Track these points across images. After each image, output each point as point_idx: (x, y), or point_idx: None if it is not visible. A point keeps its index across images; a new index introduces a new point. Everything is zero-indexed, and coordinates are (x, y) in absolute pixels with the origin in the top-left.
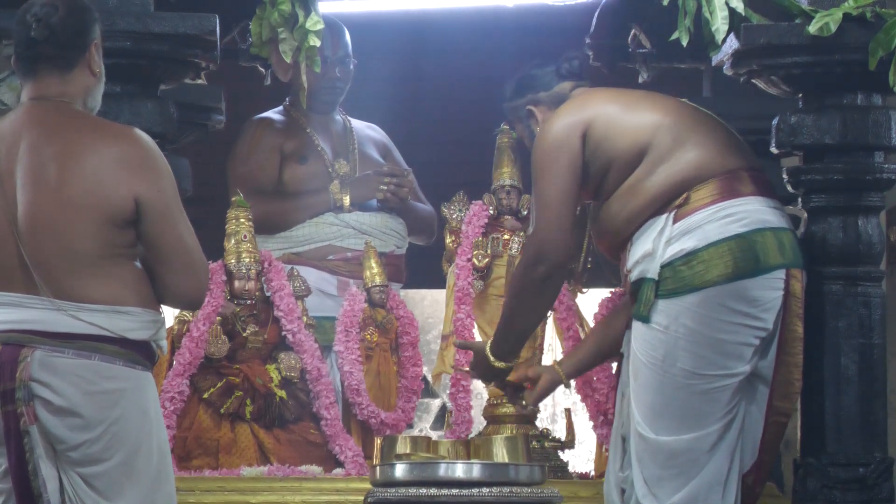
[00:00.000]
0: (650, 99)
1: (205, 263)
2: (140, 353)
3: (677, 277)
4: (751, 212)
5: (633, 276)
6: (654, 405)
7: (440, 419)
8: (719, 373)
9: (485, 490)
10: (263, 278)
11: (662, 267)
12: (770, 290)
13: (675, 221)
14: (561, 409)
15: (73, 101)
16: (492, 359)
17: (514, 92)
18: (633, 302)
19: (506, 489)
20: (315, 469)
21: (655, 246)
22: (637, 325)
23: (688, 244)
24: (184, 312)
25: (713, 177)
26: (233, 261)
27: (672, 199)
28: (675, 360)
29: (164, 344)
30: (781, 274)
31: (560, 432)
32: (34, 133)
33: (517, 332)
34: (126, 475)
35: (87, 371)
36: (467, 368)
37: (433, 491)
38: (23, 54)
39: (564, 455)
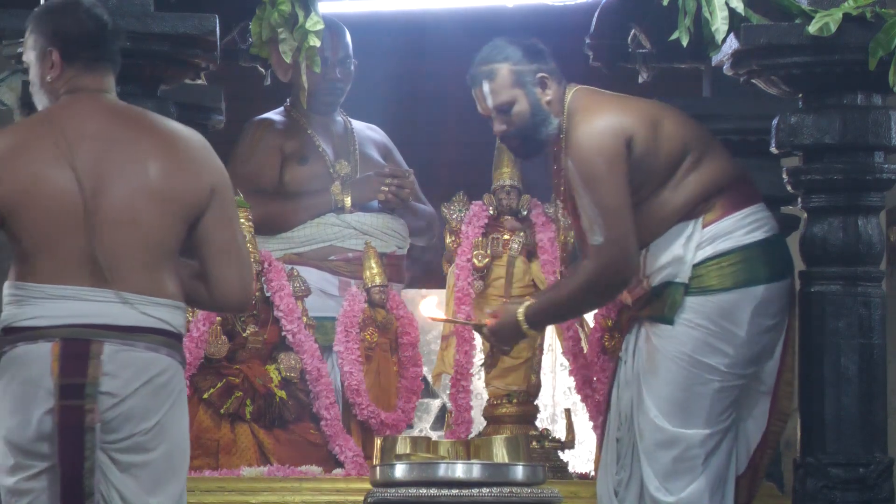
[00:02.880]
0: (666, 110)
1: (252, 266)
2: (183, 348)
3: (711, 276)
4: (768, 217)
5: (656, 280)
6: (677, 399)
7: (440, 419)
8: (737, 371)
9: (485, 490)
10: (263, 278)
11: (695, 266)
12: (787, 294)
13: (703, 227)
14: (561, 409)
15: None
16: (525, 326)
17: (521, 57)
18: (642, 307)
19: (506, 489)
20: (315, 469)
21: (686, 251)
22: (659, 326)
23: (721, 246)
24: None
25: (732, 183)
26: None
27: (698, 206)
28: (702, 356)
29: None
30: (791, 280)
31: (560, 432)
32: (109, 125)
33: (563, 316)
34: (166, 469)
35: (153, 365)
36: (485, 325)
37: (433, 491)
38: (94, 45)
39: (564, 455)
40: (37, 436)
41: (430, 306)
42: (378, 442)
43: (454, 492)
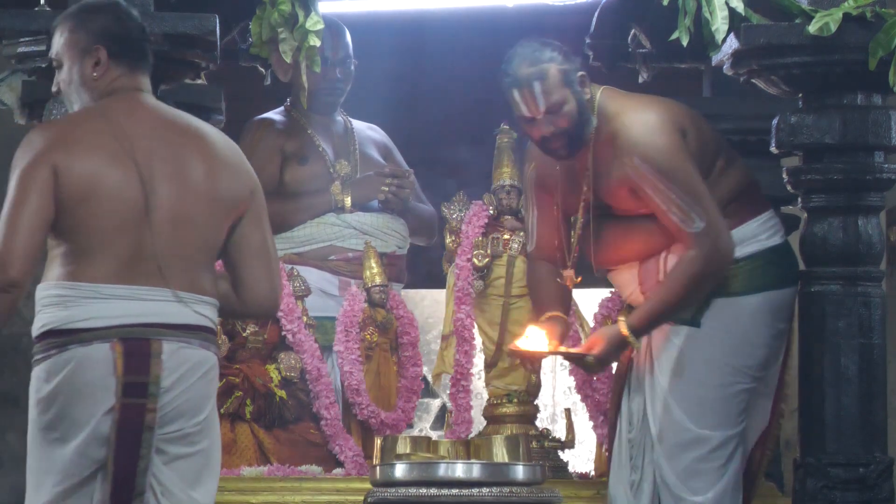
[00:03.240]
0: (695, 112)
1: (280, 271)
2: None
3: (737, 279)
4: (780, 222)
5: None
6: (705, 401)
7: (440, 419)
8: (756, 374)
9: (485, 490)
10: None
11: None
12: (795, 298)
13: (729, 230)
14: (561, 409)
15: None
16: (633, 340)
17: (565, 57)
18: None
19: (506, 489)
20: (315, 469)
21: None
22: (684, 328)
23: (746, 250)
24: None
25: (750, 187)
26: None
27: (726, 209)
28: (729, 359)
29: None
30: (798, 282)
31: (560, 432)
32: (158, 126)
33: (668, 316)
34: (205, 464)
35: (205, 361)
36: (590, 356)
37: (433, 491)
38: (138, 46)
39: (564, 455)
40: (92, 438)
41: (534, 340)
42: (378, 442)
43: (454, 492)
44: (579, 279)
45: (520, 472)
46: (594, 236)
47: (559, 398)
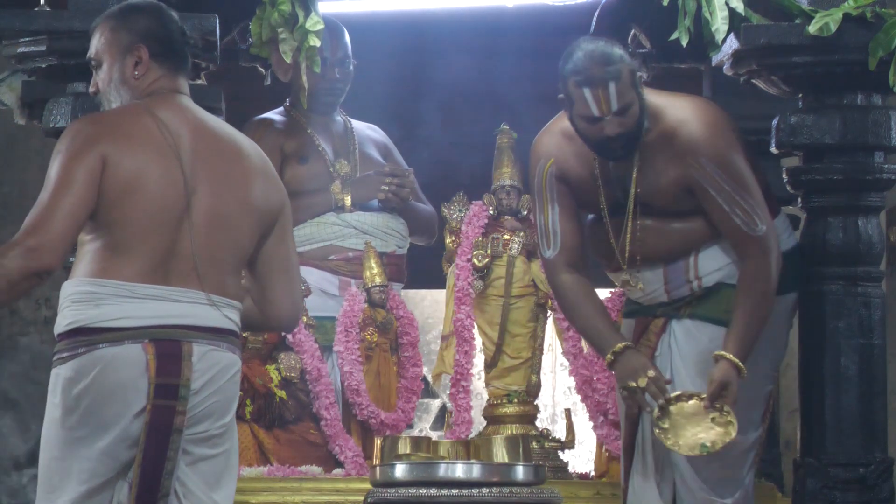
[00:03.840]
0: None
1: (301, 285)
2: None
3: None
4: (789, 223)
5: (710, 281)
6: (740, 404)
7: (440, 419)
8: (775, 374)
9: (485, 490)
10: None
11: None
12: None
13: None
14: (561, 409)
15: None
16: (745, 371)
17: (630, 60)
18: (681, 306)
19: (506, 489)
20: (315, 469)
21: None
22: (715, 329)
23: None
24: None
25: (766, 189)
26: None
27: None
28: (759, 359)
29: None
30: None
31: (560, 432)
32: (199, 126)
33: (762, 328)
34: (226, 466)
35: (232, 365)
36: (728, 401)
37: (433, 491)
38: (179, 49)
39: (564, 455)
40: (121, 439)
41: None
42: (378, 442)
43: (454, 492)
44: (639, 285)
45: (520, 472)
46: (634, 236)
47: (559, 398)
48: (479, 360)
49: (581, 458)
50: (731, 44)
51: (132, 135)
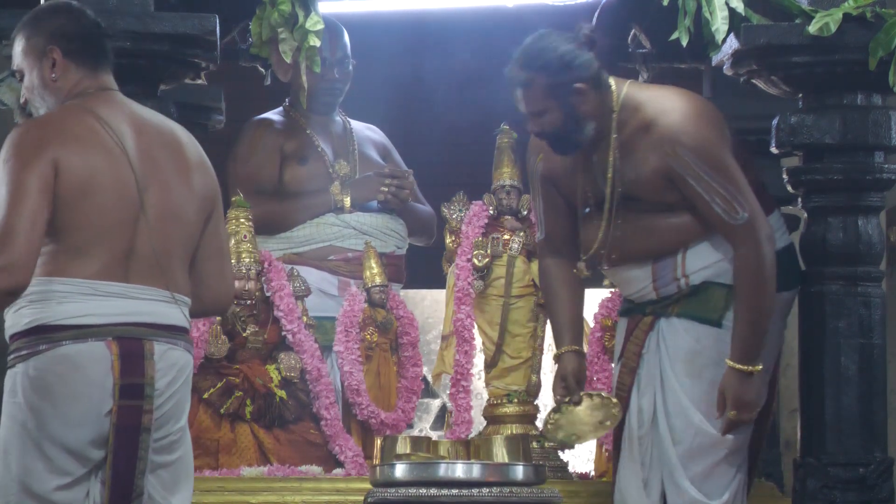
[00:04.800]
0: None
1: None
2: None
3: None
4: (783, 221)
5: (697, 279)
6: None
7: (440, 419)
8: (768, 376)
9: (485, 490)
10: (263, 278)
11: None
12: (796, 295)
13: None
14: None
15: None
16: (750, 367)
17: (557, 70)
18: (669, 304)
19: (506, 489)
20: (315, 469)
21: (728, 251)
22: (702, 328)
23: None
24: None
25: (760, 188)
26: (233, 261)
27: None
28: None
29: None
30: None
31: None
32: (138, 121)
33: (766, 322)
34: (184, 470)
35: (188, 364)
36: (731, 412)
37: (433, 491)
38: (95, 43)
39: (564, 455)
40: (92, 438)
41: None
42: (378, 442)
43: (454, 492)
44: (589, 273)
45: (520, 472)
46: (613, 231)
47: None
48: (479, 360)
49: (581, 458)
50: (731, 44)
51: (80, 136)
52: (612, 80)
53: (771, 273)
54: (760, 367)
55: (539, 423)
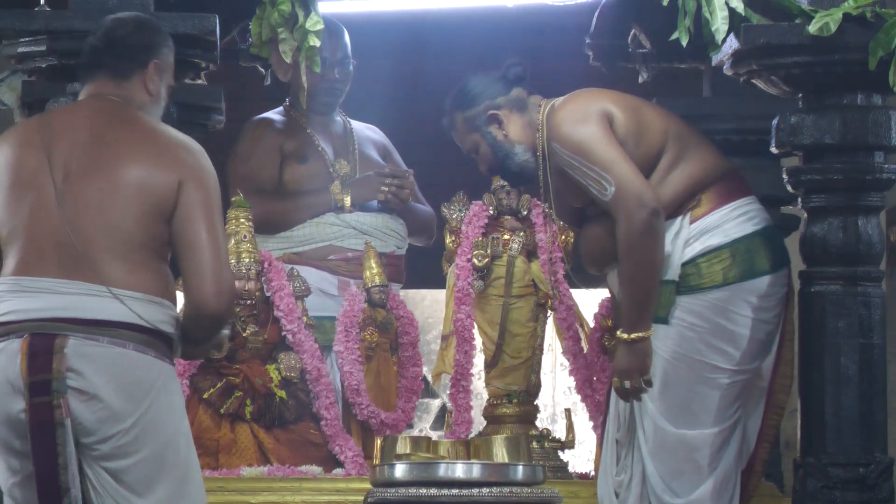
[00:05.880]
0: (643, 101)
1: (229, 278)
2: (167, 346)
3: (701, 274)
4: (759, 210)
5: None
6: (677, 400)
7: (440, 419)
8: (741, 367)
9: (485, 490)
10: (263, 278)
11: (684, 265)
12: (780, 286)
13: (691, 223)
14: (561, 409)
15: (129, 103)
16: (637, 334)
17: (468, 102)
18: None
19: (506, 489)
20: (315, 469)
21: (674, 247)
22: (657, 327)
23: (711, 241)
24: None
25: (719, 178)
26: (232, 261)
27: (685, 203)
28: (700, 355)
29: (179, 347)
30: (786, 271)
31: (560, 432)
32: (88, 121)
33: (650, 290)
34: (156, 469)
35: (120, 360)
36: (615, 378)
37: (433, 491)
38: (83, 60)
39: (564, 455)
40: (17, 435)
41: None
42: (378, 442)
43: (454, 492)
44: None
45: (520, 472)
46: (582, 240)
47: (559, 398)
48: (479, 360)
49: (581, 458)
50: (731, 44)
51: (8, 139)
52: (540, 102)
53: (644, 242)
54: (641, 334)
55: (539, 423)
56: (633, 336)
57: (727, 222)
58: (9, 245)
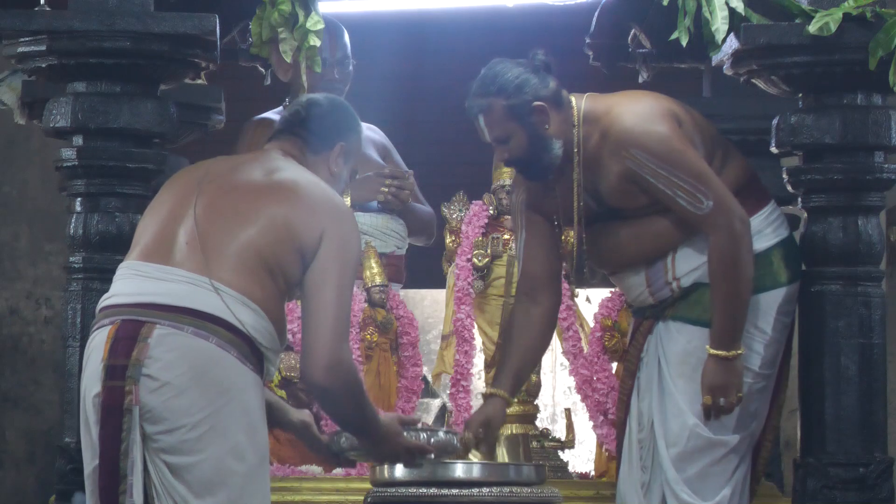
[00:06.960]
0: (691, 109)
1: (346, 353)
2: (253, 352)
3: None
4: (783, 215)
5: (688, 281)
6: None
7: (440, 419)
8: (766, 372)
9: (485, 490)
10: None
11: None
12: (798, 293)
13: None
14: (561, 409)
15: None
16: (728, 352)
17: (513, 91)
18: (666, 307)
19: (506, 489)
20: (315, 469)
21: None
22: (693, 329)
23: (755, 246)
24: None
25: (751, 181)
26: None
27: None
28: (743, 360)
29: (273, 370)
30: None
31: (560, 432)
32: (256, 153)
33: (742, 310)
34: (217, 473)
35: (201, 352)
36: (708, 396)
37: (433, 491)
38: (280, 124)
39: (564, 455)
40: (95, 419)
41: None
42: None
43: (454, 492)
44: (590, 283)
45: (520, 472)
46: (603, 240)
47: (559, 398)
48: (479, 360)
49: (581, 458)
50: (731, 44)
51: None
52: (572, 98)
53: (745, 258)
54: (740, 351)
55: (539, 423)
56: (731, 353)
57: (766, 227)
58: (138, 237)
